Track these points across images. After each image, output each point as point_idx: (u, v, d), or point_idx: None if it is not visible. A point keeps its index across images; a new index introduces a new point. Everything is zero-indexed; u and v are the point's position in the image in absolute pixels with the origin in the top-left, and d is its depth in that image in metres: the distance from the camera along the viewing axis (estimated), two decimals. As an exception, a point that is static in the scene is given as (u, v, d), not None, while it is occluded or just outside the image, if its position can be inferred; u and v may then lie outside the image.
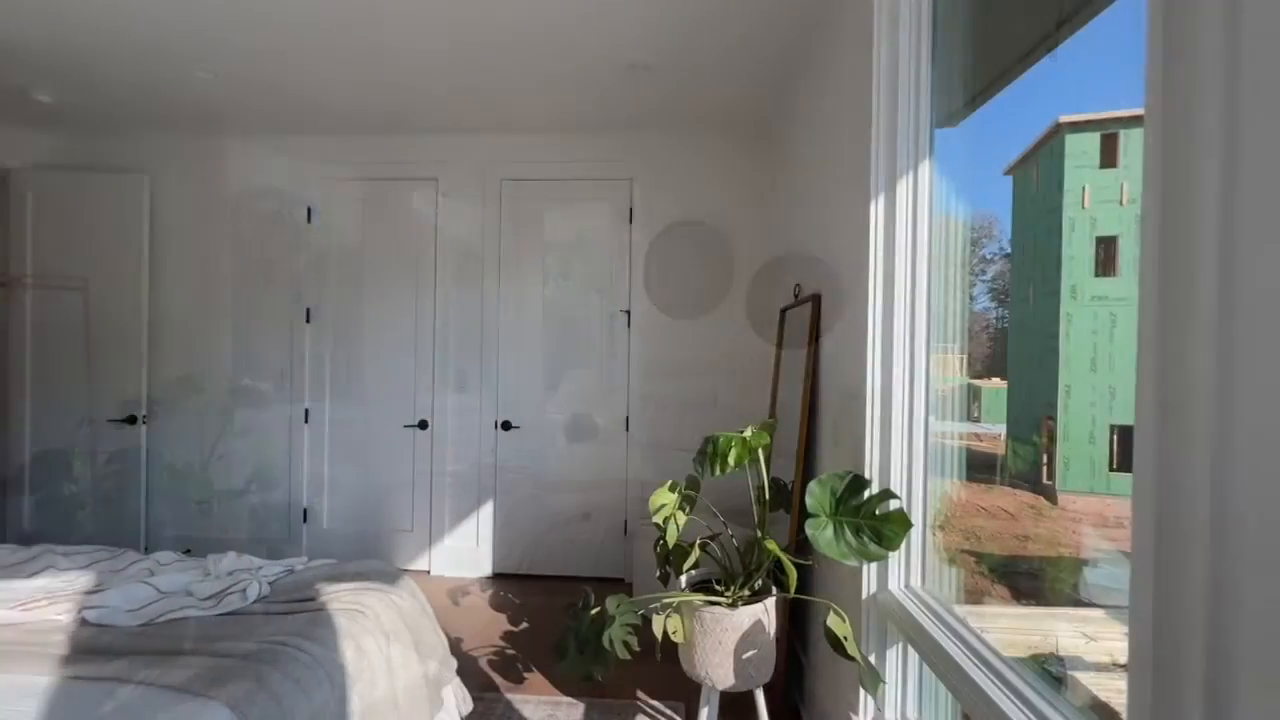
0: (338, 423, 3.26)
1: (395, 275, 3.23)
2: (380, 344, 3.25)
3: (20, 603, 1.32)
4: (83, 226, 3.18)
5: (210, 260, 3.28)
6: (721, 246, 3.13)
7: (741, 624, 1.54)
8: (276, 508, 3.28)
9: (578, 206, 3.17)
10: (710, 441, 1.55)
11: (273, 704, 1.07)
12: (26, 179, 3.16)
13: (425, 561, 3.22)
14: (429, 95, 2.73)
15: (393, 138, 3.21)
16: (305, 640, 1.22)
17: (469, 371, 3.21)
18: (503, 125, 3.07)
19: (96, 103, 2.88)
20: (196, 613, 1.35)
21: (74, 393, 3.18)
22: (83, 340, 3.18)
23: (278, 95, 2.75)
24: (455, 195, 3.20)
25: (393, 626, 1.42)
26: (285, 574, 1.57)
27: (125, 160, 3.29)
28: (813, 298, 2.02)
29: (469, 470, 3.21)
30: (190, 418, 3.29)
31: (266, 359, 3.27)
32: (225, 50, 2.34)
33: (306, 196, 3.24)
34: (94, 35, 2.25)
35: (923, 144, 1.41)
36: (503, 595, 2.95)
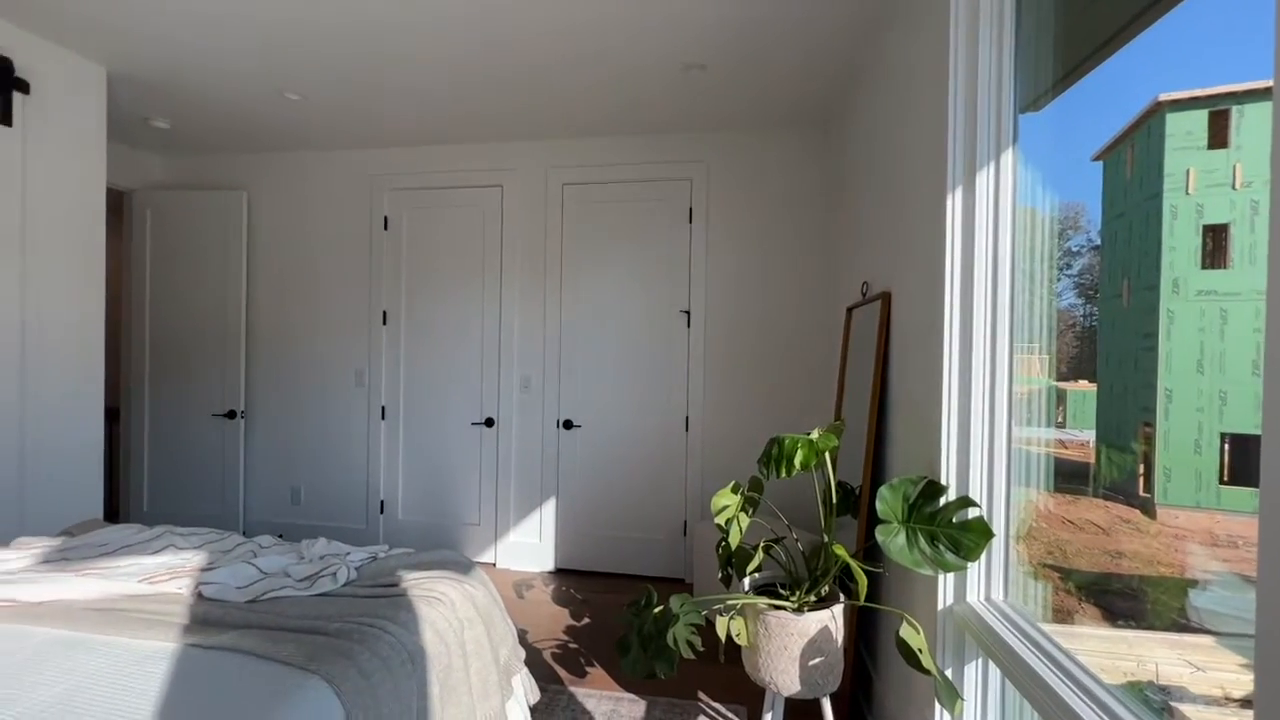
0: (411, 420, 3.44)
1: (463, 279, 3.37)
2: (449, 345, 3.40)
3: (147, 576, 1.48)
4: (190, 239, 3.51)
5: (298, 267, 3.55)
6: (783, 244, 3.08)
7: (808, 630, 1.51)
8: (356, 499, 3.50)
9: (637, 208, 3.21)
10: (775, 443, 1.53)
11: (362, 680, 1.14)
12: (146, 198, 3.53)
13: (492, 554, 3.35)
14: (493, 106, 2.84)
15: (459, 147, 3.36)
16: (389, 623, 1.31)
17: (532, 372, 3.31)
18: (562, 131, 3.15)
19: (203, 127, 3.18)
20: (293, 592, 1.47)
21: (183, 390, 3.52)
22: (190, 342, 3.51)
23: (356, 113, 2.94)
24: (519, 201, 3.31)
25: (467, 614, 1.49)
26: (369, 560, 1.68)
27: (226, 178, 3.61)
28: (882, 296, 1.95)
29: (532, 468, 3.30)
30: (281, 413, 3.57)
31: (347, 359, 3.50)
32: (311, 74, 2.53)
33: (382, 206, 3.44)
34: (203, 69, 2.49)
35: (1005, 131, 1.34)
36: (565, 590, 3.03)
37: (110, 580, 1.45)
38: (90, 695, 1.04)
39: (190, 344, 3.51)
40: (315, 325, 3.53)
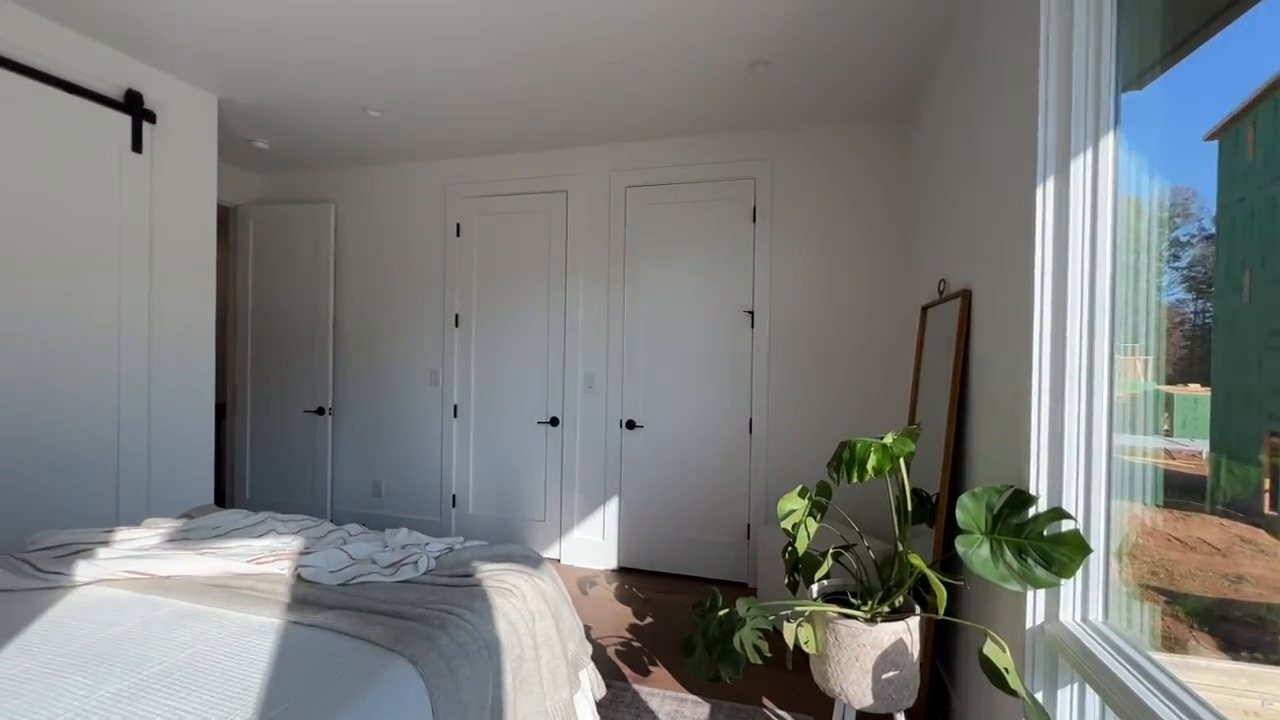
0: (481, 418, 3.59)
1: (530, 282, 3.48)
2: (517, 346, 3.52)
3: (254, 557, 1.63)
4: (285, 249, 3.82)
5: (379, 273, 3.78)
6: (852, 241, 2.98)
7: (881, 641, 1.46)
8: (430, 492, 3.69)
9: (699, 208, 3.20)
10: (846, 447, 1.49)
11: (443, 664, 1.21)
12: (248, 212, 3.87)
13: (556, 550, 3.44)
14: (559, 114, 2.91)
15: (527, 155, 3.47)
16: (466, 611, 1.37)
17: (596, 372, 3.36)
18: (625, 135, 3.19)
19: (296, 146, 3.45)
20: (379, 578, 1.57)
21: (279, 387, 3.83)
22: (285, 343, 3.82)
23: (431, 126, 3.10)
24: (583, 205, 3.38)
25: (537, 607, 1.54)
26: (446, 551, 1.76)
27: (316, 192, 3.90)
28: (961, 294, 1.85)
29: (595, 466, 3.36)
30: (365, 410, 3.81)
31: (423, 360, 3.69)
32: (391, 92, 2.69)
33: (455, 213, 3.61)
34: (298, 92, 2.71)
35: (1105, 112, 1.24)
36: (628, 589, 3.06)
37: (224, 559, 1.60)
38: (210, 661, 1.16)
39: (285, 345, 3.82)
40: (394, 327, 3.75)
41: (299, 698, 1.05)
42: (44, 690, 1.05)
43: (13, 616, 1.32)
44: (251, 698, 1.04)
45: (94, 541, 1.68)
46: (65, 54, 2.22)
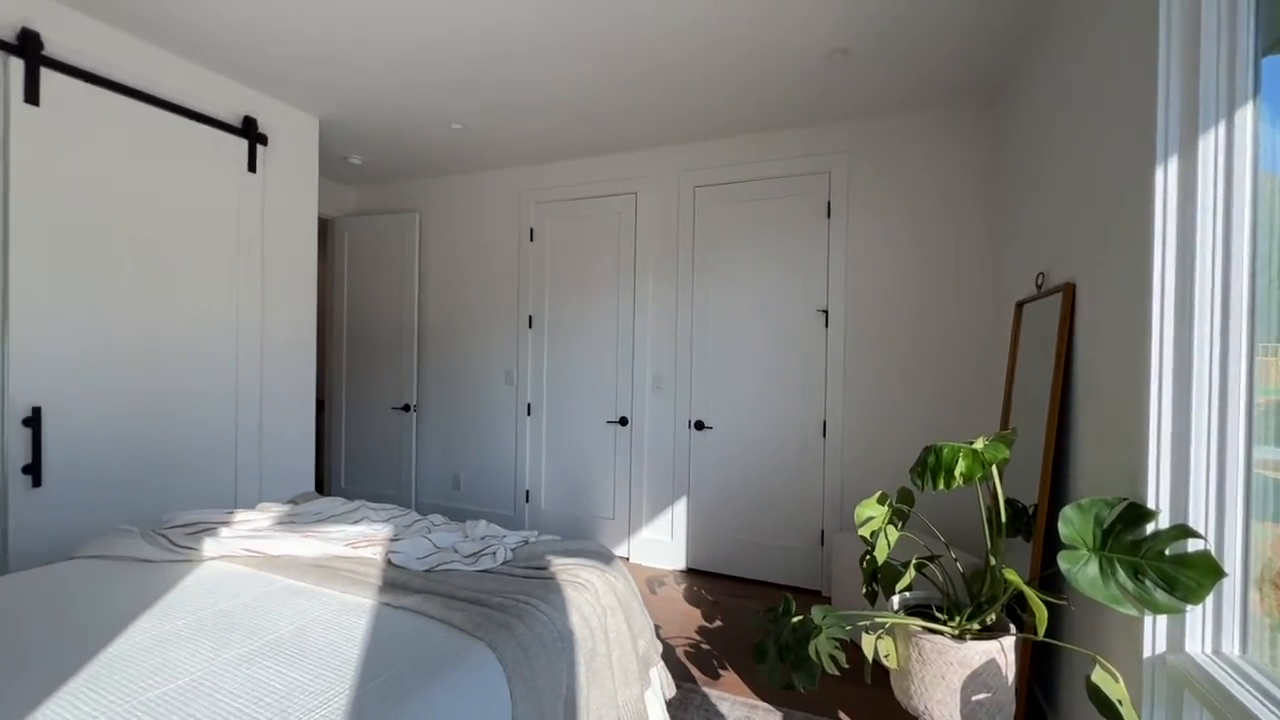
0: (553, 416, 3.69)
1: (600, 284, 3.54)
2: (588, 347, 3.59)
3: (350, 541, 1.76)
4: (375, 257, 4.10)
5: (458, 277, 3.97)
6: (936, 235, 2.82)
7: (970, 660, 1.36)
8: (504, 488, 3.83)
9: (770, 206, 3.13)
10: (932, 452, 1.40)
11: (519, 651, 1.25)
12: (344, 224, 4.19)
13: (625, 549, 3.47)
14: (628, 117, 2.94)
15: (597, 159, 3.54)
16: (541, 603, 1.41)
17: (665, 373, 3.37)
18: (694, 135, 3.18)
19: (386, 160, 3.69)
20: (460, 567, 1.65)
21: (370, 385, 4.11)
22: (375, 344, 4.10)
23: (507, 135, 3.22)
24: (652, 206, 3.40)
25: (609, 602, 1.56)
26: (522, 544, 1.83)
27: (403, 202, 4.16)
28: (1064, 288, 1.71)
29: (664, 467, 3.37)
30: (445, 408, 4.02)
31: (498, 360, 3.85)
32: (472, 105, 2.82)
33: (529, 218, 3.74)
34: (389, 111, 2.90)
35: (1241, 79, 1.10)
36: (696, 590, 3.04)
37: (324, 543, 1.74)
38: (312, 634, 1.26)
39: (375, 347, 4.10)
40: (472, 329, 3.93)
41: (391, 673, 1.12)
42: (178, 651, 1.18)
43: (154, 584, 1.50)
44: (350, 670, 1.13)
45: (217, 521, 1.87)
46: (194, 87, 2.50)
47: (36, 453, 2.03)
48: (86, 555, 1.69)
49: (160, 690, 1.04)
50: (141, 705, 1.00)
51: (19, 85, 1.98)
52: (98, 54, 2.19)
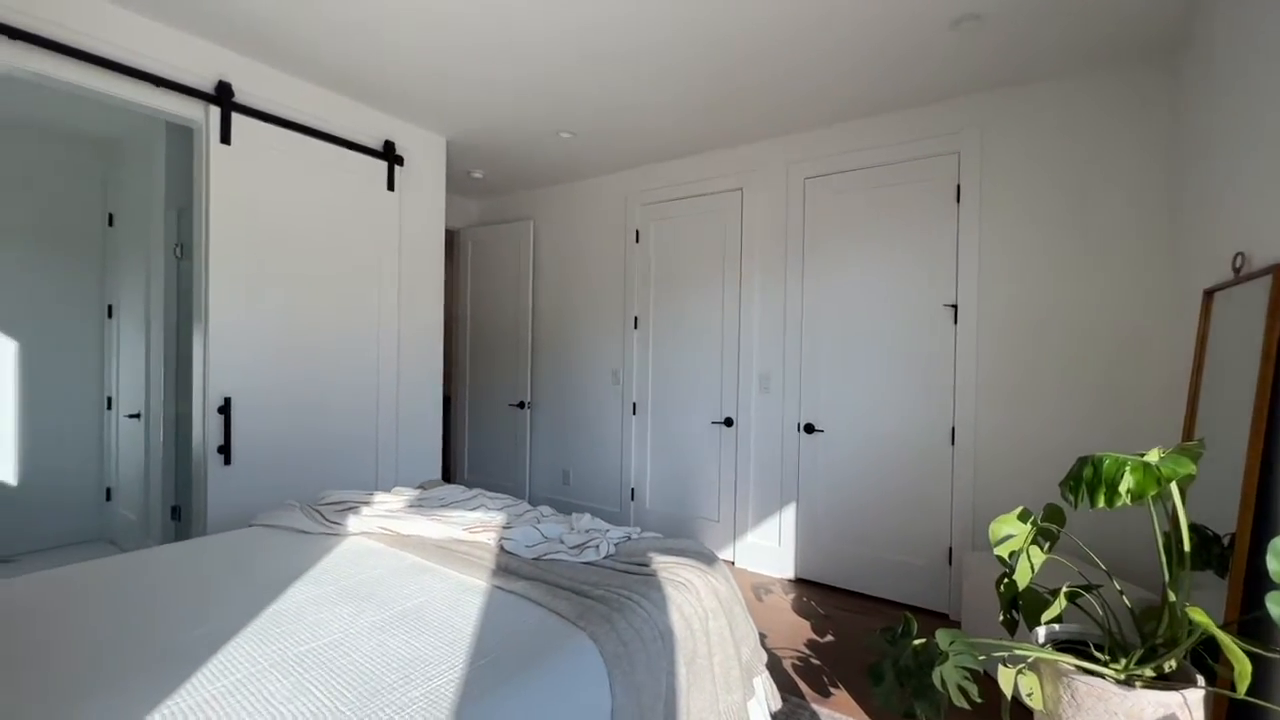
0: (658, 416, 3.71)
1: (705, 282, 3.51)
2: (692, 346, 3.56)
3: (467, 526, 1.89)
4: (494, 264, 4.39)
5: (568, 280, 4.13)
6: (1090, 215, 2.45)
7: (1140, 712, 1.15)
8: (610, 485, 3.92)
9: (889, 194, 2.90)
10: (1089, 464, 1.21)
11: (620, 645, 1.26)
12: (467, 234, 4.54)
13: (730, 553, 3.40)
14: (734, 111, 2.88)
15: (702, 157, 3.51)
16: (642, 599, 1.41)
17: (772, 373, 3.26)
18: (803, 124, 3.04)
19: (503, 172, 3.94)
20: (565, 557, 1.70)
21: (490, 384, 4.41)
22: (494, 345, 4.39)
23: (613, 140, 3.30)
24: (759, 201, 3.30)
25: (711, 605, 1.53)
26: (625, 539, 1.85)
27: (518, 211, 4.42)
28: (1272, 270, 1.39)
29: (771, 470, 3.25)
30: (557, 405, 4.20)
31: (606, 359, 3.95)
32: (580, 114, 2.92)
33: (634, 220, 3.80)
34: (506, 126, 3.09)
35: None
36: (806, 601, 2.90)
37: (446, 526, 1.88)
38: (433, 609, 1.36)
39: (494, 347, 4.39)
40: (581, 330, 4.07)
41: (500, 651, 1.18)
42: (324, 614, 1.33)
43: (309, 553, 1.72)
44: (465, 644, 1.20)
45: (359, 501, 2.10)
46: (346, 118, 2.84)
47: (227, 436, 2.42)
48: (260, 524, 1.98)
49: (309, 646, 1.18)
50: (294, 658, 1.13)
51: (216, 128, 2.37)
52: (271, 96, 2.56)
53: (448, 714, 0.98)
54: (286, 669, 1.09)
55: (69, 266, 3.36)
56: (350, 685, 1.05)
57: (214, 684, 1.04)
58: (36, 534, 3.26)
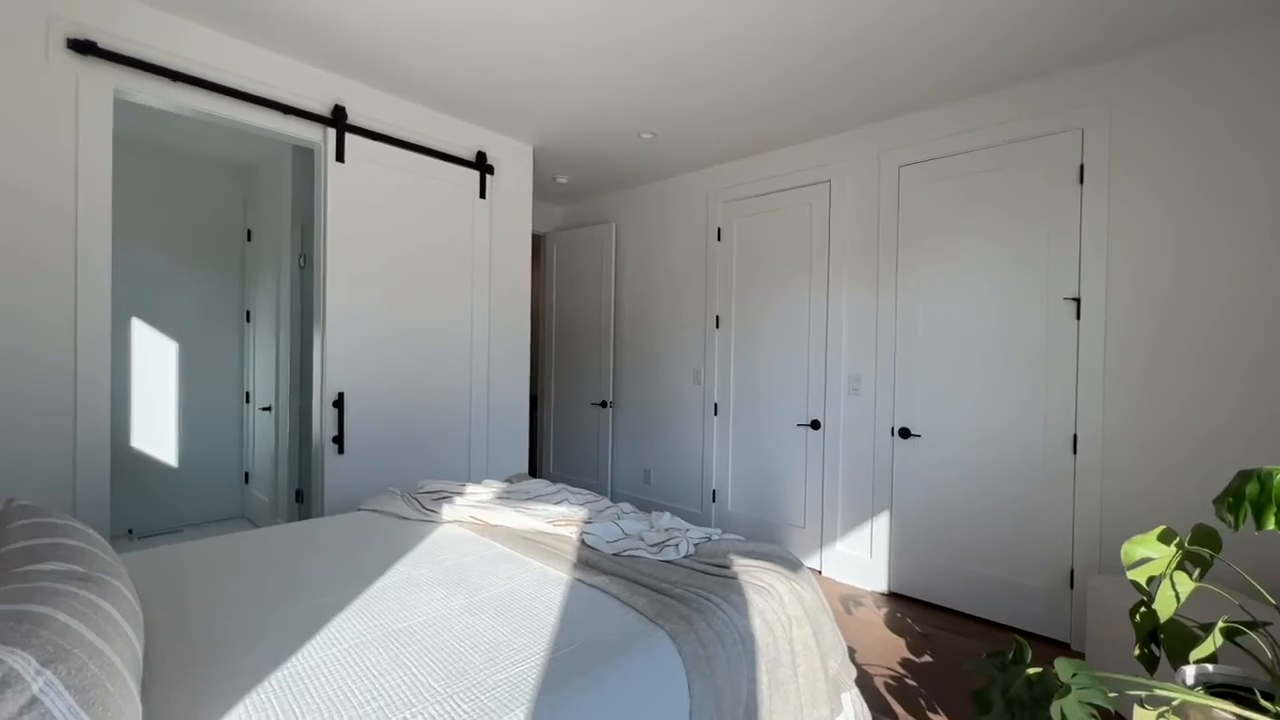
0: (740, 417, 3.64)
1: (790, 280, 3.39)
2: (776, 346, 3.46)
3: (551, 520, 1.94)
4: (578, 267, 4.50)
5: (649, 280, 4.16)
6: (1247, 191, 2.10)
7: (1325, 775, 0.96)
8: (691, 486, 3.89)
9: (996, 179, 2.66)
10: (1254, 479, 1.03)
11: (698, 645, 1.23)
12: (553, 238, 4.69)
13: (817, 561, 3.26)
14: (819, 100, 2.76)
15: (785, 151, 3.40)
16: (722, 601, 1.38)
17: (862, 374, 3.08)
18: (896, 108, 2.85)
19: (586, 177, 4.04)
20: (645, 554, 1.70)
21: (574, 383, 4.53)
22: (578, 345, 4.50)
23: (695, 137, 3.27)
24: (848, 193, 3.14)
25: (795, 612, 1.46)
26: (705, 540, 1.82)
27: (601, 215, 4.51)
28: None
29: (862, 476, 3.08)
30: (638, 405, 4.23)
31: (686, 360, 3.92)
32: (661, 113, 2.92)
33: (716, 219, 3.74)
34: (589, 132, 3.16)
35: None
36: (900, 617, 2.71)
37: (531, 518, 1.94)
38: (518, 597, 1.41)
39: (578, 347, 4.51)
40: (662, 329, 4.08)
41: (580, 643, 1.19)
42: (419, 595, 1.41)
43: (407, 537, 1.84)
44: (547, 633, 1.23)
45: (453, 491, 2.22)
46: (443, 131, 3.03)
47: (340, 428, 2.65)
48: (367, 508, 2.15)
49: (406, 623, 1.26)
50: (391, 634, 1.21)
51: (332, 148, 2.62)
52: (376, 115, 2.78)
53: (529, 700, 1.01)
54: (386, 643, 1.17)
55: (216, 278, 3.84)
56: (441, 663, 1.11)
57: (325, 651, 1.13)
58: (192, 510, 3.75)
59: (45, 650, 0.71)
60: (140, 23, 2.12)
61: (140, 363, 3.57)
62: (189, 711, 0.93)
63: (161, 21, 2.17)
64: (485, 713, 0.97)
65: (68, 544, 1.05)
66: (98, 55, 2.00)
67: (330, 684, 1.03)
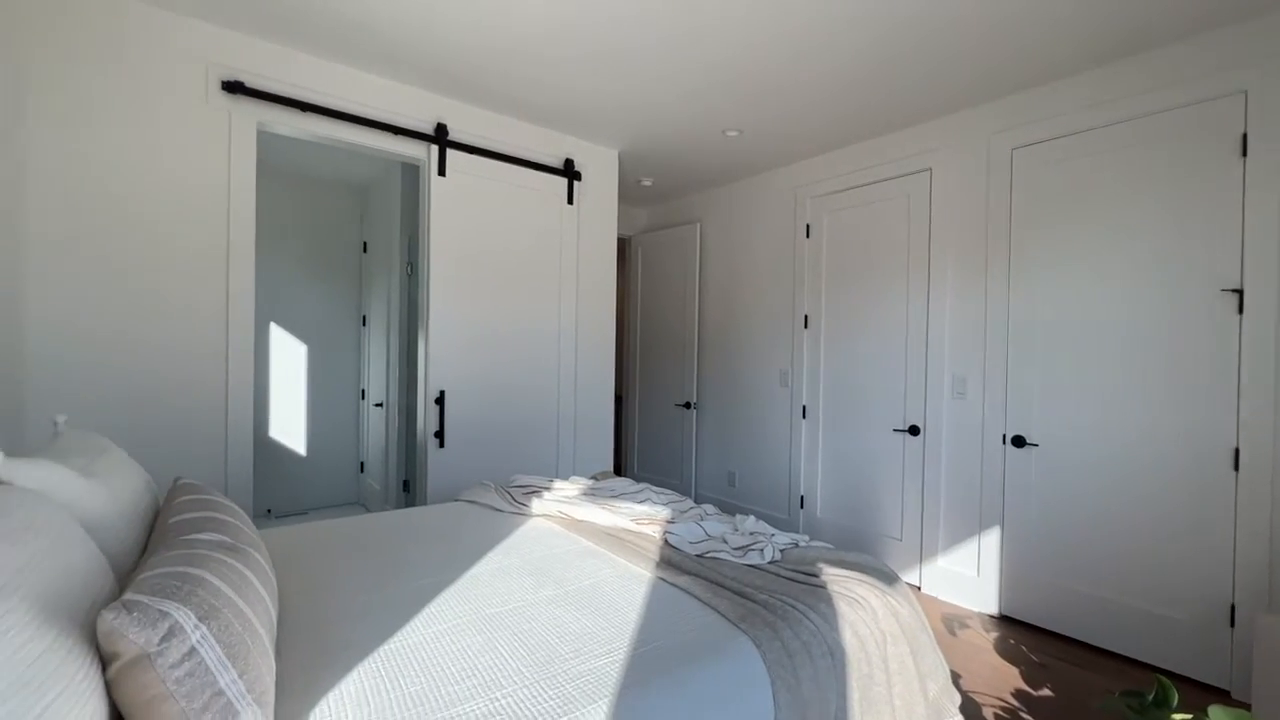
0: (830, 421, 3.48)
1: (884, 276, 3.20)
2: (869, 346, 3.28)
3: (634, 518, 1.96)
4: (663, 268, 4.52)
5: (734, 280, 4.09)
6: None
7: None
8: (778, 490, 3.77)
9: (1134, 155, 2.35)
10: None
11: (783, 653, 1.19)
12: (638, 241, 4.75)
13: (915, 576, 3.04)
14: (919, 82, 2.58)
15: (879, 140, 3.21)
16: (810, 610, 1.32)
17: (969, 376, 2.85)
18: (1008, 85, 2.60)
19: (671, 178, 4.05)
20: (728, 557, 1.67)
21: (658, 384, 4.55)
22: (662, 346, 4.52)
23: (782, 130, 3.17)
24: (951, 181, 2.91)
25: (890, 628, 1.37)
26: (792, 546, 1.76)
27: (685, 215, 4.50)
28: None
29: (968, 488, 2.84)
30: (722, 407, 4.18)
31: (773, 361, 3.82)
32: (746, 109, 2.87)
33: (804, 214, 3.62)
34: (673, 132, 3.16)
35: None
36: (1013, 644, 2.46)
37: (615, 516, 1.97)
38: (602, 592, 1.43)
39: (662, 348, 4.53)
40: (748, 330, 4.00)
41: (661, 642, 1.19)
42: (510, 583, 1.48)
43: (499, 528, 1.93)
44: (630, 629, 1.24)
45: (541, 486, 2.31)
46: (534, 141, 3.17)
47: (441, 423, 2.84)
48: (464, 499, 2.28)
49: (498, 609, 1.32)
50: (483, 619, 1.28)
51: (435, 163, 2.81)
52: (471, 129, 2.96)
53: (611, 694, 1.02)
54: (479, 626, 1.24)
55: (338, 286, 4.26)
56: (529, 649, 1.15)
57: (425, 629, 1.22)
58: (317, 495, 4.18)
59: (202, 608, 0.82)
60: (277, 61, 2.40)
61: (277, 363, 4.04)
62: (312, 674, 1.03)
63: (293, 59, 2.44)
64: (570, 702, 0.99)
65: (220, 519, 1.21)
66: (245, 93, 2.29)
67: (429, 661, 1.10)
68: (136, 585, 0.80)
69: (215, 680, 0.77)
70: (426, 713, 0.94)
